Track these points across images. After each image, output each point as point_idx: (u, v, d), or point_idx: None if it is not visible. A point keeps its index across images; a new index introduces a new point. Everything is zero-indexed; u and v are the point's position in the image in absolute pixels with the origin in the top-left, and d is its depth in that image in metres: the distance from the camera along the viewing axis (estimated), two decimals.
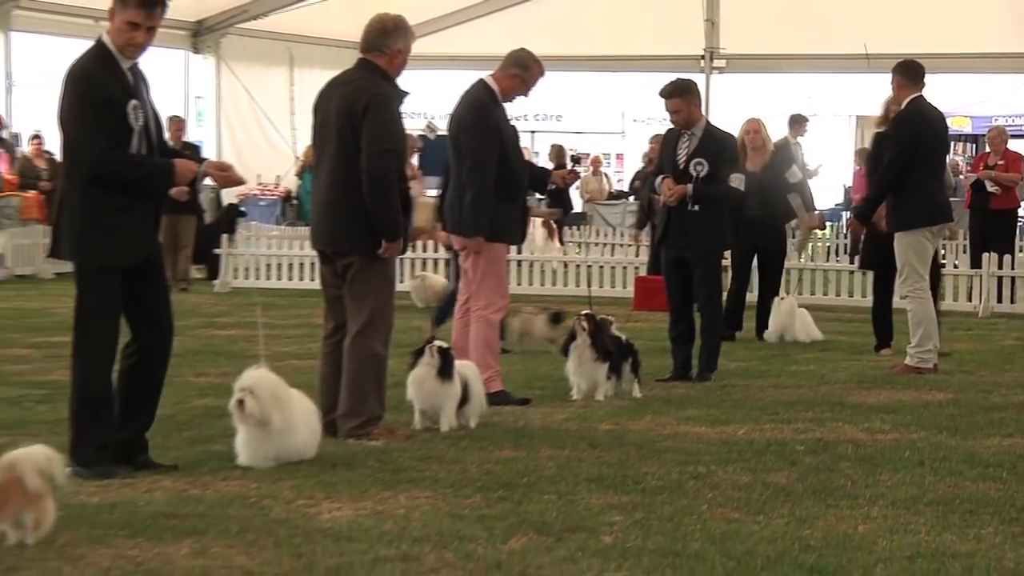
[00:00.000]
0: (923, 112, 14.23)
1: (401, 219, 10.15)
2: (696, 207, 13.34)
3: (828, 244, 28.56)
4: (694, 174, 13.32)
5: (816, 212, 20.37)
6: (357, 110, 9.99)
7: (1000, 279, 21.61)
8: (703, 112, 14.06)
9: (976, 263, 21.64)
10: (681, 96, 13.49)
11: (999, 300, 21.54)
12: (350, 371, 10.12)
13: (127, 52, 8.77)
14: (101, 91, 8.64)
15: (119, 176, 8.75)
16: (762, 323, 17.33)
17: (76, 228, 8.72)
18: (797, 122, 26.37)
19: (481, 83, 12.13)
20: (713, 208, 13.43)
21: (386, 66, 10.28)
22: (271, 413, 8.93)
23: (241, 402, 8.87)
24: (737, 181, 13.64)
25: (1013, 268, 21.62)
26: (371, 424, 10.10)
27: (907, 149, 14.02)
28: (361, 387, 10.10)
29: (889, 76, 14.40)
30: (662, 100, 13.59)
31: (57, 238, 8.91)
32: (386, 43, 10.28)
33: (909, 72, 14.27)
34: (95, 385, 8.83)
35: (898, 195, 14.15)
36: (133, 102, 8.74)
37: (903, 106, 14.26)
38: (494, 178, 11.78)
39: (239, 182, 9.63)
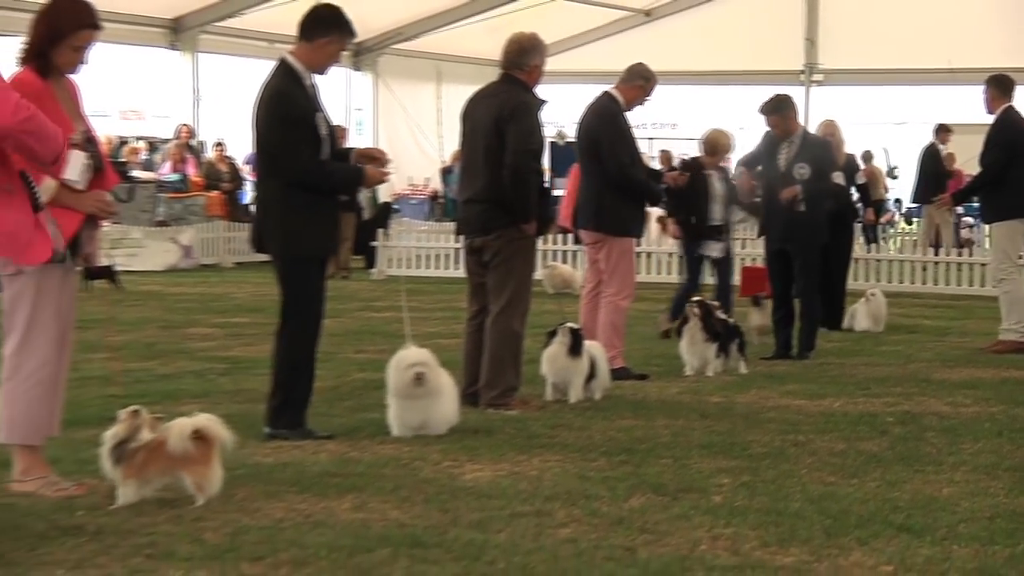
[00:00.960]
0: (1017, 119, 14.37)
1: (534, 206, 10.20)
2: (803, 207, 13.24)
3: (914, 238, 28.22)
4: (798, 177, 13.23)
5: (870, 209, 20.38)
6: (504, 116, 10.07)
7: None
8: (800, 122, 13.95)
9: None
10: (778, 113, 13.45)
11: None
12: (491, 346, 10.15)
13: (322, 72, 8.92)
14: (296, 108, 8.73)
15: (318, 184, 8.87)
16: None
17: (279, 225, 8.79)
18: (943, 130, 26.10)
19: (608, 95, 12.14)
20: (814, 206, 13.33)
21: (526, 79, 10.34)
22: (442, 383, 9.03)
23: (420, 375, 8.89)
24: (839, 177, 13.69)
25: None
26: (508, 395, 10.12)
27: (1007, 151, 14.14)
28: (500, 361, 10.13)
29: (972, 88, 14.41)
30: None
31: (260, 234, 8.99)
32: (524, 60, 10.35)
33: (1001, 85, 14.40)
34: (302, 359, 8.91)
35: (997, 190, 14.32)
36: (319, 114, 8.85)
37: (997, 115, 14.31)
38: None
39: (382, 154, 9.56)
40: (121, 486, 6.91)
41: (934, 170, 25.55)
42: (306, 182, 8.77)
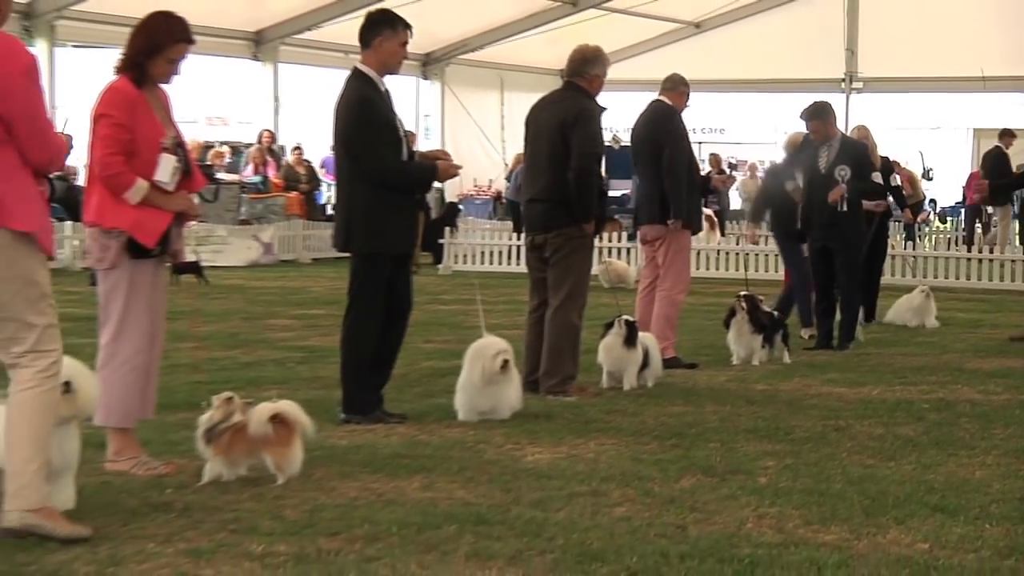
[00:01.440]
0: None
1: (595, 206, 10.22)
2: (845, 206, 13.12)
3: (948, 236, 28.04)
4: (839, 179, 13.11)
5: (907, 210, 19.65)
6: (568, 122, 10.07)
7: None
8: (838, 127, 13.80)
9: None
10: (818, 118, 13.33)
11: None
12: (551, 338, 10.14)
13: (393, 70, 8.93)
14: (377, 112, 8.74)
15: (399, 182, 8.90)
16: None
17: (364, 224, 8.79)
18: (1007, 135, 25.85)
19: (661, 101, 12.12)
20: (855, 205, 13.24)
21: (587, 87, 10.35)
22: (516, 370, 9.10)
23: (506, 362, 8.95)
24: (876, 176, 13.58)
25: None
26: (566, 382, 10.11)
27: None
28: (560, 351, 10.12)
29: (1003, 95, 14.15)
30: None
31: (345, 233, 8.94)
32: (587, 70, 10.36)
33: None
34: (366, 346, 8.92)
35: None
36: (397, 116, 8.88)
37: None
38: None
39: (446, 155, 9.55)
40: (210, 462, 6.99)
41: (1000, 172, 25.28)
42: (388, 181, 8.78)
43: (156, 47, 7.29)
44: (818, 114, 13.36)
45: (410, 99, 31.45)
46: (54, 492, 6.15)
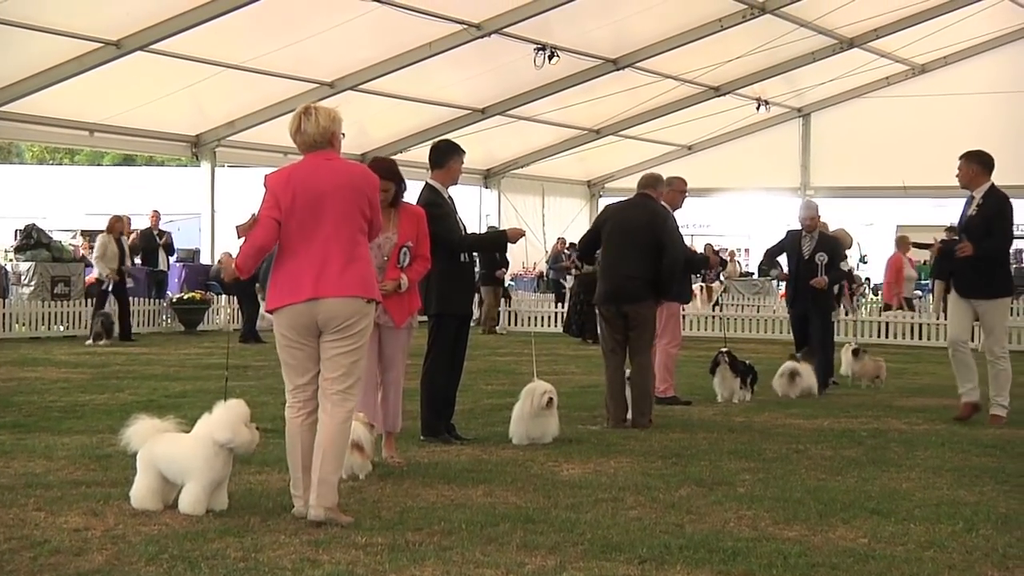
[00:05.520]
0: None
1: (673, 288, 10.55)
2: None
3: (879, 304, 27.93)
4: (818, 263, 13.13)
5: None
6: (657, 222, 10.23)
7: None
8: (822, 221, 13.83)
9: None
10: (816, 214, 13.36)
11: None
12: (643, 386, 10.06)
13: (455, 183, 9.01)
14: (443, 209, 8.73)
15: (473, 247, 9.06)
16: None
17: (434, 294, 8.78)
18: (950, 230, 25.46)
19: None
20: (829, 283, 13.29)
21: (657, 198, 10.55)
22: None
23: (551, 400, 8.93)
24: (844, 265, 13.67)
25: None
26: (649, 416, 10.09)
27: (1011, 221, 10.53)
28: (648, 395, 10.14)
29: (919, 200, 13.94)
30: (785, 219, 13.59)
31: (423, 301, 8.77)
32: (659, 187, 10.63)
33: (985, 161, 10.46)
34: (439, 386, 8.94)
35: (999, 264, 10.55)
36: (457, 216, 8.93)
37: (988, 188, 10.37)
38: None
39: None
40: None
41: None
42: (463, 247, 8.84)
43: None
44: (813, 209, 13.50)
45: (474, 203, 31.59)
46: (215, 496, 6.19)
